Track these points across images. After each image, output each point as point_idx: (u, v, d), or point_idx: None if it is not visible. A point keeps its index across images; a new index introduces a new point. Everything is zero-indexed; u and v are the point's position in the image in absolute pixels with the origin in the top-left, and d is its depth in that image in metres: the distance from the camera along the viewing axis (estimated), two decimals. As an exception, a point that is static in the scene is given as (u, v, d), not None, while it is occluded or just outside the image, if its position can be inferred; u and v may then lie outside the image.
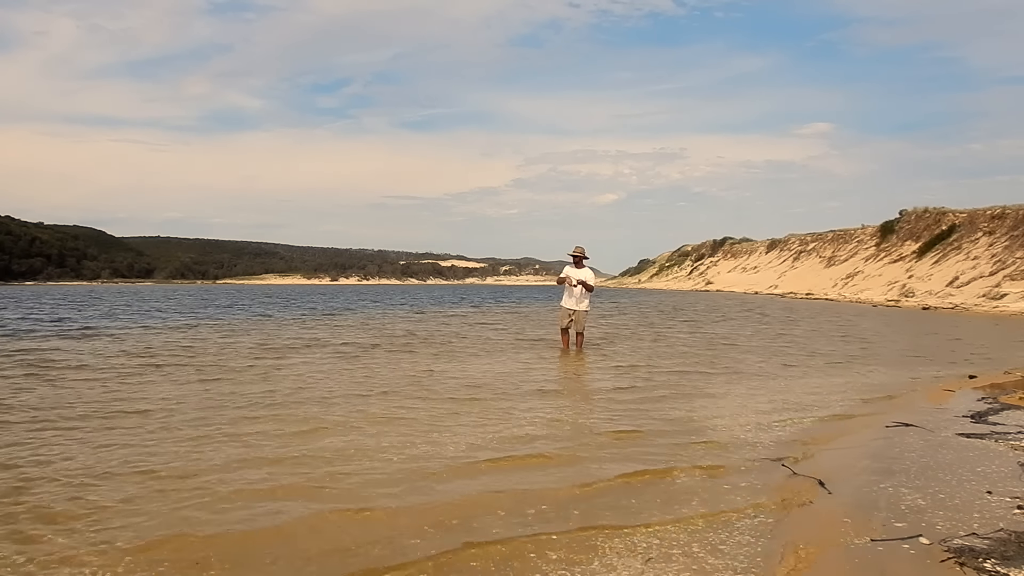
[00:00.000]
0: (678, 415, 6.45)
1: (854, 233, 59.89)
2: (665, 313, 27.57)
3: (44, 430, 5.47)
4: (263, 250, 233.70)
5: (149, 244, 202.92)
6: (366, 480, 4.28)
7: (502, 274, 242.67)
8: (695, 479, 4.37)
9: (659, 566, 3.06)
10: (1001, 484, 4.14)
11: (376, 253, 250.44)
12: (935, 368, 9.91)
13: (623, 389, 7.90)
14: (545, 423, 6.02)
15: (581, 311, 11.36)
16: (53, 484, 4.12)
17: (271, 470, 4.46)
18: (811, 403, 7.07)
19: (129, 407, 6.42)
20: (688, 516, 3.69)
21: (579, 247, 11.34)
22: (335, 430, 5.58)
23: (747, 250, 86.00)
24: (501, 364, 10.05)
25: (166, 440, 5.19)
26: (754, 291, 61.70)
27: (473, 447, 5.10)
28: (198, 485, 4.12)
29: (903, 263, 45.07)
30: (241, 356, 10.76)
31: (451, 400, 6.98)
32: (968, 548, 3.15)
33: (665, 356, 11.43)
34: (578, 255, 11.33)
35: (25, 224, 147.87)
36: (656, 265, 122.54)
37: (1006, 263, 33.80)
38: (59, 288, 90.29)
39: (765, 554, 3.19)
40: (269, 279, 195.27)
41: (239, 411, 6.31)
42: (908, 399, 7.34)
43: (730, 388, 8.03)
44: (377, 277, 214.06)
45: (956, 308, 29.54)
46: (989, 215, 40.31)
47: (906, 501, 3.85)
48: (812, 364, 10.45)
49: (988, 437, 5.36)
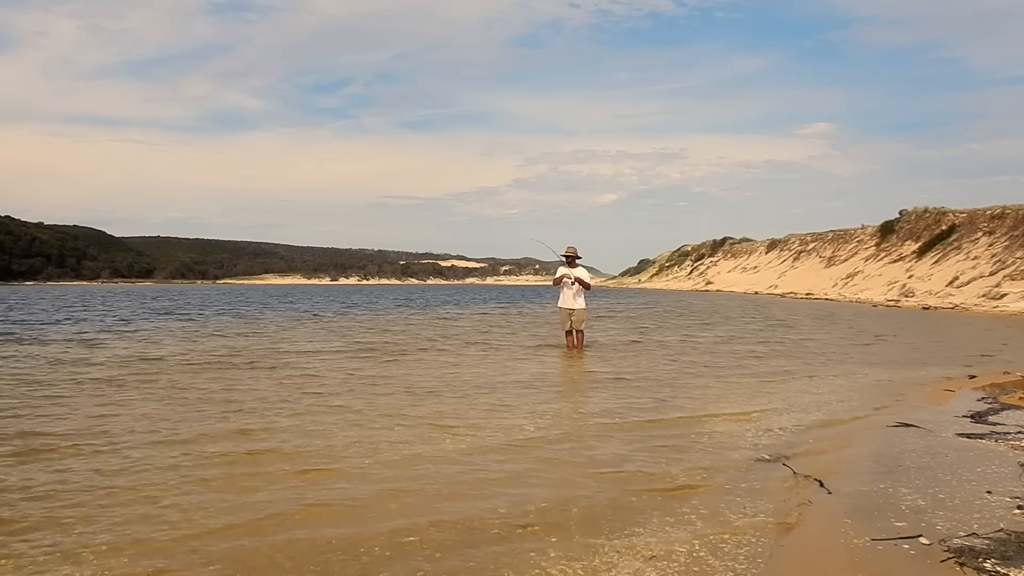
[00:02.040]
0: (678, 414, 6.46)
1: (854, 233, 59.82)
2: (661, 317, 27.54)
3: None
4: (263, 250, 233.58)
5: (149, 244, 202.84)
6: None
7: (502, 274, 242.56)
8: (695, 478, 4.37)
9: (660, 564, 3.06)
10: (1001, 484, 4.14)
11: (376, 253, 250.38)
12: (935, 368, 9.90)
13: (624, 389, 7.90)
14: (544, 423, 6.03)
15: (579, 309, 11.45)
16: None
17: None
18: (811, 403, 7.07)
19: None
20: (688, 515, 3.69)
21: (571, 247, 11.51)
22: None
23: (747, 250, 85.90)
24: (501, 364, 10.05)
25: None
26: (754, 291, 61.65)
27: (472, 448, 5.12)
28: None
29: (903, 263, 45.03)
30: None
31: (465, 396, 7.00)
32: (968, 548, 3.15)
33: (666, 356, 11.44)
34: (570, 255, 11.48)
35: (25, 224, 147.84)
36: (656, 265, 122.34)
37: (1006, 263, 33.76)
38: (72, 288, 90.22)
39: (765, 554, 3.19)
40: (269, 279, 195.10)
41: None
42: (908, 399, 7.34)
43: (730, 388, 8.03)
44: (377, 277, 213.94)
45: (956, 308, 29.53)
46: (989, 215, 40.27)
47: (906, 501, 3.85)
48: (812, 364, 10.45)
49: (988, 437, 5.37)
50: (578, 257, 11.54)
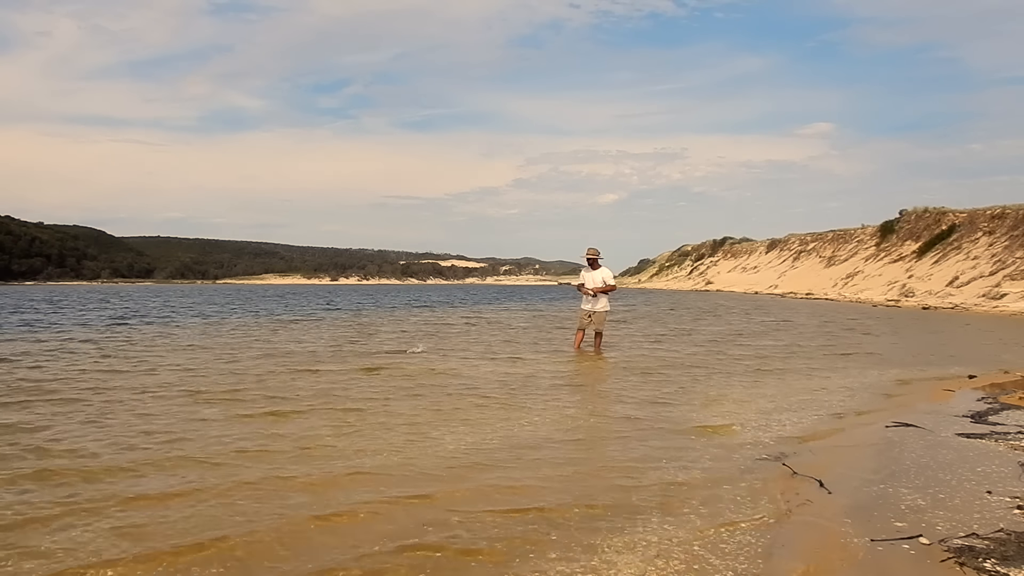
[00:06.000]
0: (679, 413, 6.46)
1: (854, 233, 59.82)
2: (658, 321, 27.54)
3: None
4: (263, 250, 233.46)
5: (149, 244, 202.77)
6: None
7: (502, 274, 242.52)
8: (695, 477, 4.37)
9: (660, 564, 3.06)
10: (1001, 484, 4.14)
11: (376, 253, 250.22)
12: (935, 368, 9.90)
13: (626, 388, 7.91)
14: (544, 422, 6.02)
15: (600, 311, 11.13)
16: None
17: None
18: (811, 403, 7.07)
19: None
20: (688, 515, 3.69)
21: (592, 248, 11.07)
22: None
23: (747, 250, 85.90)
24: (511, 365, 10.06)
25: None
26: (754, 291, 61.65)
27: (472, 448, 5.13)
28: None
29: (903, 263, 45.03)
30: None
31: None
32: (968, 548, 3.15)
33: (668, 356, 11.42)
34: (592, 257, 11.08)
35: (25, 224, 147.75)
36: (656, 265, 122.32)
37: (1006, 263, 33.77)
38: (73, 288, 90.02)
39: (765, 553, 3.19)
40: (269, 279, 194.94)
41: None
42: (908, 399, 7.34)
43: (730, 387, 8.03)
44: (377, 277, 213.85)
45: (956, 308, 29.54)
46: (989, 215, 40.28)
47: (906, 501, 3.86)
48: (812, 364, 10.45)
49: (988, 437, 5.37)
50: (601, 258, 11.10)
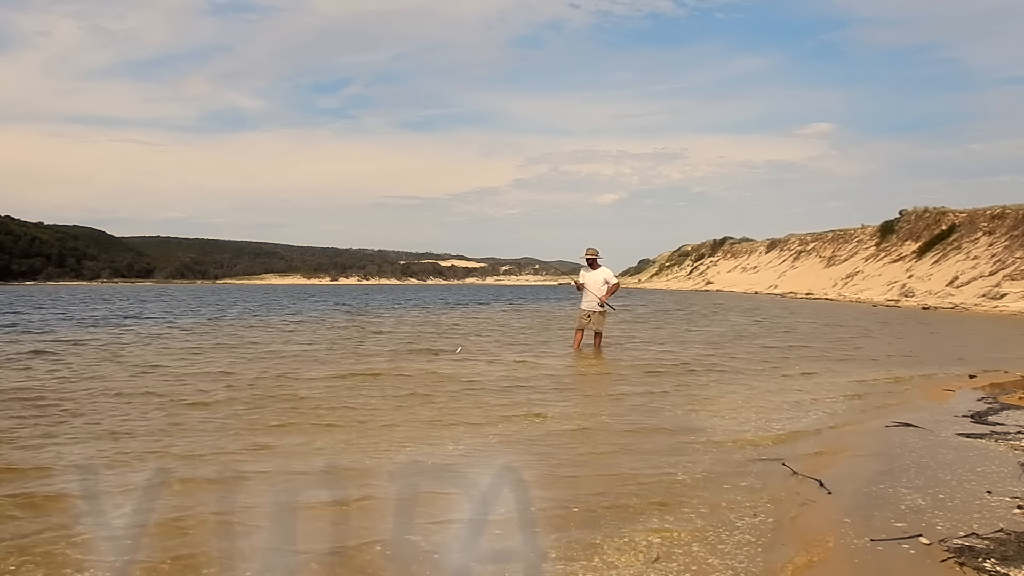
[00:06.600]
0: (678, 414, 6.46)
1: (854, 233, 59.80)
2: (658, 321, 27.55)
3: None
4: (263, 250, 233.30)
5: (149, 244, 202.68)
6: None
7: (502, 274, 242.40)
8: (695, 478, 4.37)
9: (660, 565, 3.06)
10: (1001, 484, 4.14)
11: (376, 253, 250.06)
12: (935, 368, 9.90)
13: (627, 387, 7.91)
14: (544, 421, 6.03)
15: (599, 312, 11.12)
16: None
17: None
18: (811, 403, 7.07)
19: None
20: (688, 515, 3.69)
21: (591, 248, 11.09)
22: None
23: (747, 250, 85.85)
24: (511, 365, 10.06)
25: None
26: (754, 291, 61.63)
27: (472, 448, 5.12)
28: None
29: (903, 263, 45.01)
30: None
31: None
32: (968, 548, 3.15)
33: (668, 355, 11.43)
34: (591, 257, 11.09)
35: (25, 224, 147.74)
36: (656, 265, 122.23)
37: (1006, 263, 33.75)
38: (74, 288, 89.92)
39: (765, 554, 3.19)
40: (269, 279, 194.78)
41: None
42: (908, 399, 7.34)
43: (730, 388, 8.03)
44: (377, 277, 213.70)
45: (956, 308, 29.53)
46: (989, 215, 40.26)
47: (906, 501, 3.86)
48: (812, 364, 10.45)
49: (988, 437, 5.37)
50: (600, 258, 11.10)
